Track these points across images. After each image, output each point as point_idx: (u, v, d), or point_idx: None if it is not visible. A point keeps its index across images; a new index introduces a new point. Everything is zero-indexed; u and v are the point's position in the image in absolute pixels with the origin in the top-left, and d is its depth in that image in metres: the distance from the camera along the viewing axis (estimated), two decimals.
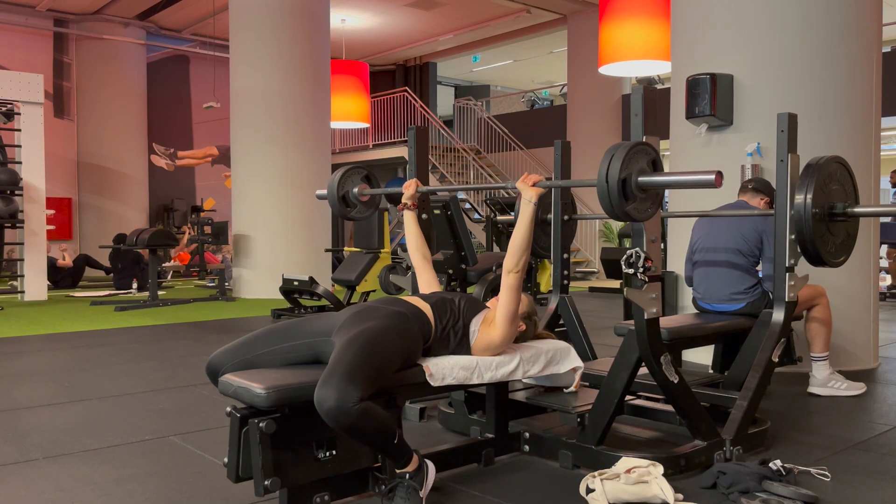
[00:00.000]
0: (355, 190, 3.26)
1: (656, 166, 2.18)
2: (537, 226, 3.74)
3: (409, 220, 2.93)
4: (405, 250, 3.09)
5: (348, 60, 13.27)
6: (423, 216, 3.16)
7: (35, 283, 8.76)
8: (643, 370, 2.53)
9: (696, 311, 3.64)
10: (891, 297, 8.46)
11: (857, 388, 3.72)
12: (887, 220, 8.13)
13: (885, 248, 8.77)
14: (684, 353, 4.04)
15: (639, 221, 2.23)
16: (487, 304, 2.53)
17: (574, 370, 2.68)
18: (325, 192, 3.30)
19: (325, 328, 2.25)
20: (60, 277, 10.44)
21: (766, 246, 3.38)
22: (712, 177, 2.00)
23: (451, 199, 4.52)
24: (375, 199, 3.35)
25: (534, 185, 2.43)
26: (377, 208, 3.44)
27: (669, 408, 2.75)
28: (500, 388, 2.67)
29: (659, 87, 12.40)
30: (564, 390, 2.78)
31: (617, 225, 11.73)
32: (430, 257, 2.90)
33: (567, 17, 13.57)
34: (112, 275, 10.58)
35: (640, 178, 2.12)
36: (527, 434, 2.73)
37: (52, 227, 9.83)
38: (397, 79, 17.18)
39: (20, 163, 8.78)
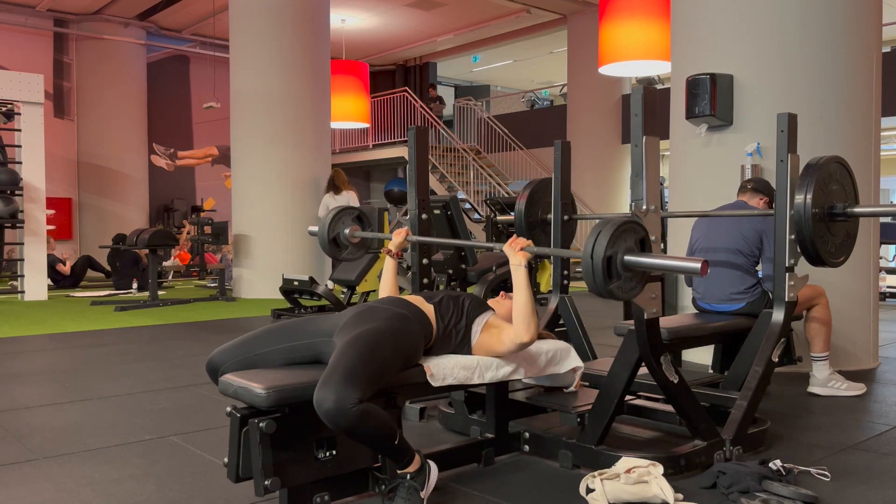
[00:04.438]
0: (346, 231, 3.25)
1: (644, 246, 2.14)
2: (538, 226, 3.74)
3: (389, 266, 2.86)
4: (405, 251, 3.07)
5: (348, 60, 13.27)
6: (423, 216, 3.16)
7: (35, 283, 8.76)
8: (643, 370, 2.53)
9: (696, 311, 3.64)
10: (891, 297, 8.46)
11: (857, 389, 3.72)
12: (887, 219, 8.13)
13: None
14: (684, 353, 4.04)
15: (621, 300, 2.21)
16: (490, 302, 2.53)
17: (574, 370, 2.68)
18: (316, 229, 3.29)
19: (327, 329, 2.25)
20: (62, 276, 10.44)
21: (766, 246, 3.38)
22: (698, 265, 1.97)
23: (451, 198, 4.53)
24: (367, 240, 3.32)
25: (521, 249, 2.36)
26: (368, 250, 3.41)
27: (669, 408, 2.75)
28: (500, 388, 2.67)
29: (659, 87, 12.39)
30: (564, 390, 2.78)
31: None
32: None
33: (567, 17, 13.57)
34: (111, 276, 10.57)
35: (626, 258, 2.08)
36: (527, 434, 2.73)
37: (52, 228, 9.83)
38: (397, 79, 17.19)
39: (20, 163, 8.78)
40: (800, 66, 4.23)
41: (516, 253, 2.35)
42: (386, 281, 2.85)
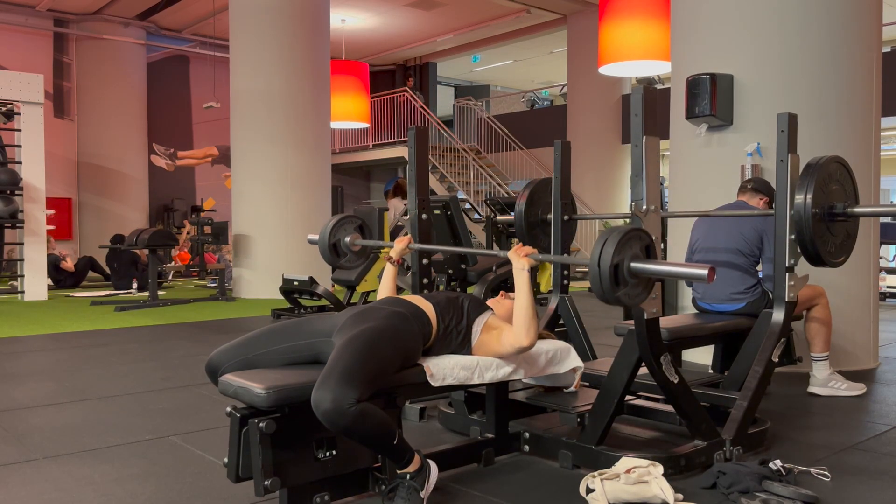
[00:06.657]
0: (347, 239, 3.24)
1: (649, 252, 2.15)
2: (538, 226, 3.74)
3: (389, 273, 2.86)
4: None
5: (348, 60, 13.26)
6: (424, 216, 3.16)
7: (35, 283, 8.76)
8: (643, 370, 2.53)
9: (696, 311, 3.64)
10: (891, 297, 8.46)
11: (857, 389, 3.72)
12: (887, 219, 8.13)
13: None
14: (684, 353, 4.04)
15: (629, 307, 2.22)
16: (489, 303, 2.53)
17: (574, 370, 2.68)
18: (316, 237, 3.29)
19: (326, 328, 2.25)
20: (63, 276, 10.44)
21: (766, 246, 3.38)
22: (705, 271, 1.98)
23: (451, 198, 4.53)
24: (367, 248, 3.31)
25: (525, 256, 2.38)
26: (368, 258, 3.41)
27: (669, 408, 2.75)
28: (500, 388, 2.67)
29: (659, 87, 12.39)
30: (564, 390, 2.78)
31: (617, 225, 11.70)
32: None
33: (567, 17, 13.57)
34: (110, 279, 10.56)
35: (632, 265, 2.08)
36: (527, 434, 2.73)
37: (52, 227, 9.83)
38: (397, 79, 17.18)
39: (20, 163, 8.78)
40: (800, 66, 4.23)
41: (520, 258, 2.37)
42: (385, 286, 2.85)
